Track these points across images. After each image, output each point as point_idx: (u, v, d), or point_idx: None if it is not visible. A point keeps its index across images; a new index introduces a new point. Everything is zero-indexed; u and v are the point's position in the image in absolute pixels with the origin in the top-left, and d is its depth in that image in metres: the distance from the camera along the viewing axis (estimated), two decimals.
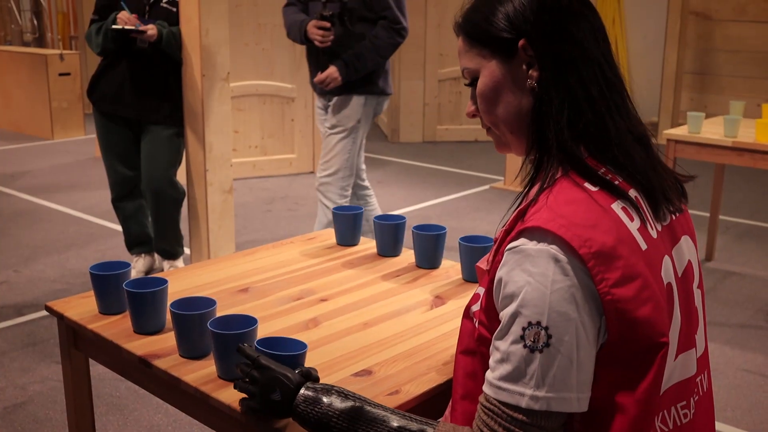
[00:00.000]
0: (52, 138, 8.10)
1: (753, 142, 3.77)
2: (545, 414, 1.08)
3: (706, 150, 3.91)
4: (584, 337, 1.09)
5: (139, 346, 1.54)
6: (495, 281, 1.16)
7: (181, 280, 1.87)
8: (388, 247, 2.09)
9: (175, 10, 3.80)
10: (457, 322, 1.67)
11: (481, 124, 1.29)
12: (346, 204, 3.78)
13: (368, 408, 1.20)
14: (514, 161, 6.31)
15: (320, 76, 3.62)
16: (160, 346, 1.54)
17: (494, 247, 1.22)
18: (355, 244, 2.18)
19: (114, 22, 3.68)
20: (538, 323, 1.08)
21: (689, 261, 1.26)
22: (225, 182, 4.02)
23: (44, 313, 3.73)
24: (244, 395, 1.30)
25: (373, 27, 3.65)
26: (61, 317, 1.70)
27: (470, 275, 1.93)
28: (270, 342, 1.33)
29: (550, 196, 1.15)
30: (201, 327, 1.46)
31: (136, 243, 4.17)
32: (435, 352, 1.55)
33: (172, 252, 4.14)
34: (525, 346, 1.08)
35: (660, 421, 1.16)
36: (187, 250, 4.38)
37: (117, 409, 2.93)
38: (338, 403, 1.20)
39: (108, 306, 1.67)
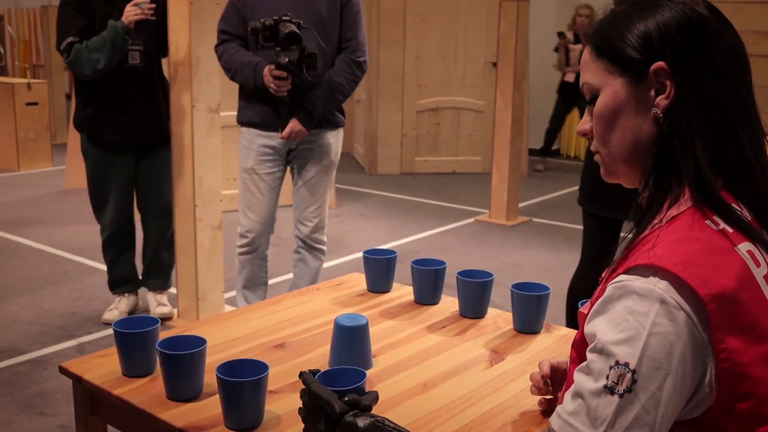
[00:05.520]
0: (18, 170, 7.81)
1: None
2: None
3: None
4: (672, 392, 0.96)
5: (178, 415, 1.35)
6: (591, 312, 1.04)
7: (211, 334, 1.69)
8: (427, 294, 1.93)
9: (154, 19, 3.59)
10: (521, 381, 1.52)
11: (590, 146, 1.17)
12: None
13: None
14: (499, 194, 6.21)
15: (284, 134, 3.26)
16: (202, 416, 1.35)
17: (599, 287, 1.10)
18: (387, 291, 2.02)
19: (120, 25, 3.46)
20: (626, 364, 0.97)
21: None
22: (214, 218, 3.83)
23: (22, 358, 3.50)
24: None
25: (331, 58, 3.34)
26: (79, 380, 1.51)
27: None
28: (334, 372, 1.33)
29: (667, 231, 1.03)
30: (255, 395, 1.29)
31: (122, 282, 3.97)
32: (511, 418, 1.39)
33: (164, 282, 4.01)
34: (606, 387, 0.98)
35: None
36: (173, 290, 4.16)
37: None
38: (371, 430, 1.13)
39: (134, 368, 1.49)
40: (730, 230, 1.03)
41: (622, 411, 0.97)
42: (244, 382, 1.29)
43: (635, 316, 0.97)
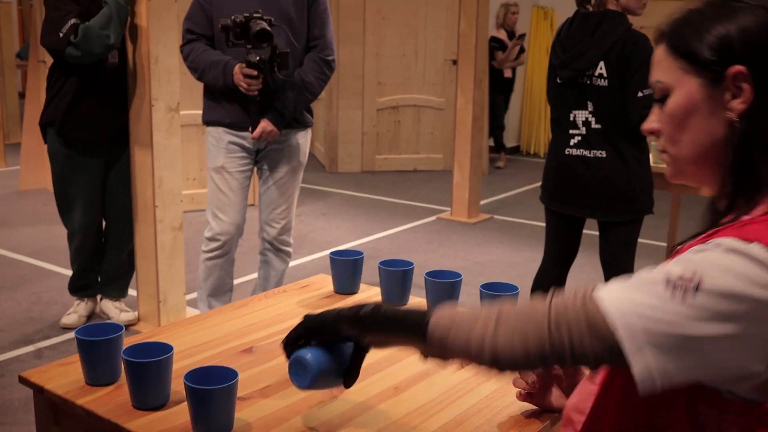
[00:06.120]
0: None
1: None
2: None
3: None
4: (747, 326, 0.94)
5: (144, 424, 1.32)
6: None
7: (177, 340, 1.65)
8: (395, 295, 1.92)
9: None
10: (494, 382, 1.51)
11: (658, 145, 1.16)
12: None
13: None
14: (460, 191, 6.22)
15: (255, 134, 3.20)
16: (169, 425, 1.32)
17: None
18: (355, 292, 2.00)
19: None
20: (693, 275, 0.96)
21: None
22: (175, 219, 3.78)
23: None
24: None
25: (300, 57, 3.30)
26: (40, 390, 1.46)
27: None
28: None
29: (747, 224, 1.02)
30: (224, 402, 1.26)
31: (83, 286, 3.89)
32: (485, 419, 1.38)
33: (123, 290, 3.95)
34: (668, 283, 0.97)
35: None
36: (133, 292, 4.10)
37: None
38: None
39: (98, 376, 1.45)
40: None
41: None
42: (213, 390, 1.26)
43: (716, 260, 0.96)
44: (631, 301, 0.98)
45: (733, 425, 1.00)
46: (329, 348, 1.25)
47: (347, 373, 1.26)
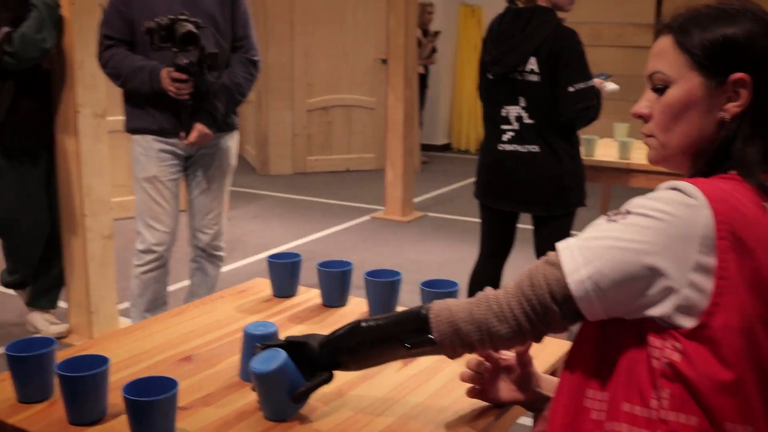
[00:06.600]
0: None
1: (646, 163, 3.81)
2: None
3: (605, 173, 3.92)
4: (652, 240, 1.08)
5: None
6: None
7: (112, 351, 1.60)
8: (335, 297, 1.90)
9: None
10: (437, 380, 1.51)
11: (644, 129, 1.25)
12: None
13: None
14: (394, 190, 6.23)
15: (190, 140, 3.11)
16: None
17: None
18: (294, 295, 1.97)
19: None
20: (627, 207, 1.13)
21: None
22: (105, 227, 3.69)
23: None
24: None
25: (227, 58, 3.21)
26: None
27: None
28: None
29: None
30: (165, 413, 1.22)
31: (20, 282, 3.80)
32: (431, 418, 1.37)
33: (53, 301, 3.85)
34: (606, 217, 1.15)
35: None
36: (63, 303, 3.99)
37: None
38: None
39: (31, 393, 1.39)
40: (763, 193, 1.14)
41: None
42: (153, 401, 1.22)
43: (648, 198, 1.12)
44: (576, 237, 1.16)
45: (674, 350, 1.09)
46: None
47: (302, 393, 1.33)
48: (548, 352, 1.62)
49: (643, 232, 1.08)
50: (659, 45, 1.22)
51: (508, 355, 1.41)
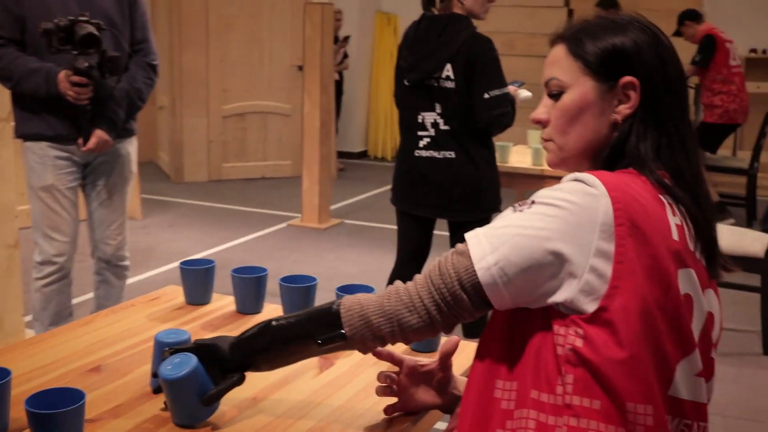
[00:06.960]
0: None
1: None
2: None
3: (518, 179, 3.99)
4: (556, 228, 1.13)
5: None
6: None
7: (14, 363, 1.53)
8: (250, 303, 1.87)
9: None
10: (354, 386, 1.49)
11: (543, 134, 1.30)
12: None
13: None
14: (310, 197, 6.19)
15: (89, 146, 2.97)
16: None
17: None
18: (207, 302, 1.93)
19: None
20: (532, 198, 1.17)
21: (710, 313, 1.24)
22: (10, 236, 3.55)
23: None
24: None
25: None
26: None
27: None
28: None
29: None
30: (71, 426, 1.17)
31: None
32: (348, 423, 1.35)
33: None
34: (513, 208, 1.19)
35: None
36: None
37: None
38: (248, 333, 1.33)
39: None
40: (659, 187, 1.20)
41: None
42: (57, 413, 1.17)
43: (553, 190, 1.16)
44: (484, 227, 1.20)
45: (577, 336, 1.12)
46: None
47: (213, 395, 1.30)
48: (465, 356, 1.62)
49: (547, 220, 1.12)
50: (554, 53, 1.28)
51: (426, 361, 1.41)
